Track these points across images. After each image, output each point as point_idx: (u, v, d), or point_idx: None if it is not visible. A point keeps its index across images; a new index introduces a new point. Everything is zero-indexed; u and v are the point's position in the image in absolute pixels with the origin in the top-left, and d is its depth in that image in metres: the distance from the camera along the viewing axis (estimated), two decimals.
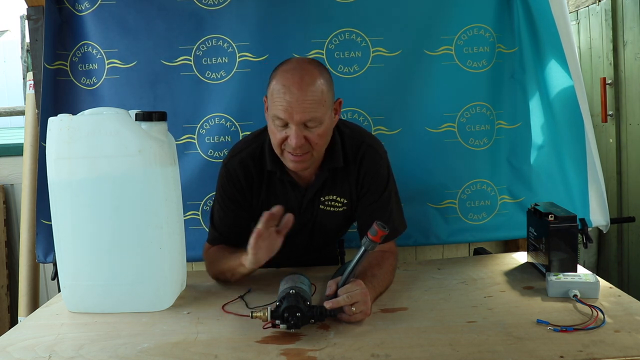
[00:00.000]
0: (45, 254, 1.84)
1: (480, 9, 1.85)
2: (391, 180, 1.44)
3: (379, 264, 1.34)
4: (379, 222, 1.14)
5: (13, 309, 2.45)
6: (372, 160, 1.40)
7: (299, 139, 1.24)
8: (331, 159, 1.39)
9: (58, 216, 1.27)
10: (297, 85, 1.23)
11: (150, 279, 1.28)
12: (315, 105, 1.23)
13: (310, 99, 1.23)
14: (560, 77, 1.83)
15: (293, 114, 1.23)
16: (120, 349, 1.08)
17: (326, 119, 1.28)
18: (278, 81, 1.26)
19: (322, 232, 1.51)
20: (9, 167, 2.48)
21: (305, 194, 1.42)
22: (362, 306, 1.14)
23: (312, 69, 1.28)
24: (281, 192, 1.43)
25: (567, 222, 1.38)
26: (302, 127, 1.25)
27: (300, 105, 1.22)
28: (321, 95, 1.25)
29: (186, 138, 1.85)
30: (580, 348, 1.00)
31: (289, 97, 1.22)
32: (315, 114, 1.24)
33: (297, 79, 1.23)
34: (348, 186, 1.43)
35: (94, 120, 1.23)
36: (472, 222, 1.94)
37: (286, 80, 1.24)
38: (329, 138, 1.34)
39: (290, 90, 1.23)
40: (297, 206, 1.44)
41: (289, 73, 1.26)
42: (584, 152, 1.84)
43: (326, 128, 1.29)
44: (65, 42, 1.82)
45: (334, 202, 1.44)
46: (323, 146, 1.32)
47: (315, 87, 1.24)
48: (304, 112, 1.23)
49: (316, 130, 1.26)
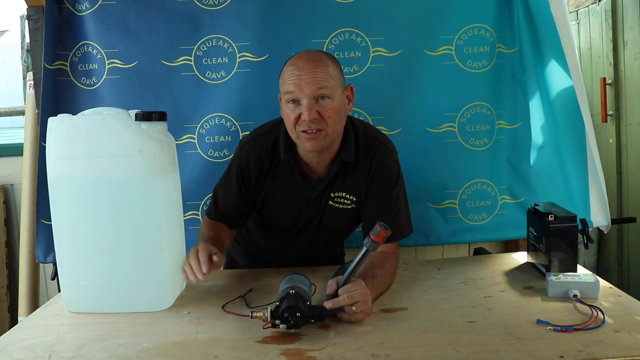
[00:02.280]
0: (45, 254, 1.84)
1: (480, 9, 1.85)
2: (400, 181, 1.45)
3: (380, 264, 1.34)
4: (381, 223, 1.15)
5: (13, 309, 2.45)
6: (383, 158, 1.41)
7: (312, 112, 1.27)
8: (344, 153, 1.39)
9: (58, 216, 1.27)
10: (304, 61, 1.30)
11: (150, 279, 1.28)
12: (324, 76, 1.28)
13: (319, 71, 1.28)
14: (560, 77, 1.83)
15: (303, 86, 1.27)
16: (120, 349, 1.08)
17: (337, 97, 1.31)
18: (287, 65, 1.34)
19: (328, 231, 1.50)
20: (9, 167, 2.48)
21: (316, 187, 1.42)
22: (363, 306, 1.14)
23: (318, 52, 1.36)
24: (291, 184, 1.43)
25: (567, 222, 1.38)
26: (313, 102, 1.28)
27: (309, 76, 1.27)
28: (329, 70, 1.30)
29: (186, 138, 1.85)
30: (580, 348, 1.00)
31: (298, 72, 1.28)
32: (326, 84, 1.28)
33: (304, 58, 1.31)
34: (358, 182, 1.43)
35: (94, 120, 1.23)
36: (473, 222, 1.94)
37: (295, 60, 1.32)
38: (342, 119, 1.35)
39: (299, 66, 1.29)
40: (306, 199, 1.44)
41: (296, 57, 1.33)
42: (584, 152, 1.84)
43: (338, 105, 1.31)
44: (65, 42, 1.82)
45: (343, 200, 1.44)
46: (336, 123, 1.32)
47: (322, 62, 1.30)
48: (313, 83, 1.27)
49: (328, 105, 1.29)
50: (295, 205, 1.45)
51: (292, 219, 1.48)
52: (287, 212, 1.47)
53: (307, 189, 1.43)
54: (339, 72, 1.34)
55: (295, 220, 1.48)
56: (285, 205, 1.45)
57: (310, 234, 1.51)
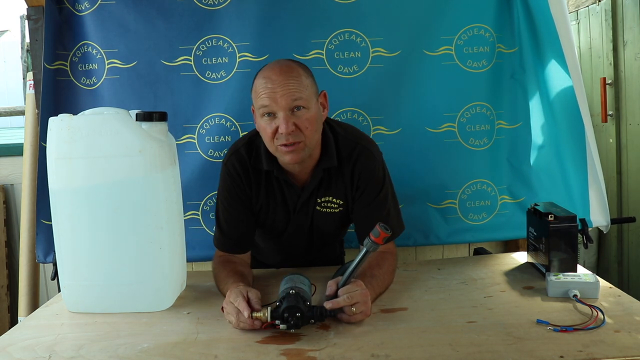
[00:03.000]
0: (45, 254, 1.84)
1: (480, 9, 1.85)
2: (387, 181, 1.44)
3: (378, 264, 1.34)
4: (381, 223, 1.15)
5: (13, 309, 2.45)
6: (366, 162, 1.40)
7: (288, 124, 1.26)
8: (325, 159, 1.39)
9: (58, 216, 1.27)
10: (277, 73, 1.28)
11: (150, 279, 1.28)
12: (297, 86, 1.27)
13: (291, 82, 1.26)
14: (560, 77, 1.83)
15: (277, 98, 1.26)
16: (120, 349, 1.08)
17: (312, 106, 1.30)
18: (259, 78, 1.31)
19: (320, 234, 1.51)
20: (9, 167, 2.48)
21: (301, 194, 1.42)
22: (363, 306, 1.14)
23: (289, 61, 1.34)
24: (278, 192, 1.43)
25: (567, 222, 1.38)
26: (289, 114, 1.27)
27: (282, 89, 1.25)
28: (302, 79, 1.28)
29: (186, 138, 1.85)
30: (580, 348, 1.00)
31: (271, 85, 1.26)
32: (300, 95, 1.26)
33: (276, 69, 1.29)
34: (343, 187, 1.42)
35: (94, 120, 1.23)
36: (472, 222, 1.94)
37: (267, 72, 1.30)
38: (319, 128, 1.34)
39: (272, 78, 1.27)
40: (293, 206, 1.44)
41: (267, 69, 1.32)
42: (584, 152, 1.84)
43: (314, 115, 1.30)
44: (65, 42, 1.82)
45: (330, 204, 1.44)
46: (314, 133, 1.31)
47: (295, 72, 1.29)
48: (287, 94, 1.25)
49: (304, 115, 1.28)
50: (284, 212, 1.44)
51: (282, 224, 1.47)
52: (277, 219, 1.46)
53: (293, 195, 1.42)
54: (311, 81, 1.32)
55: (286, 225, 1.47)
56: (275, 213, 1.45)
57: (304, 238, 1.51)
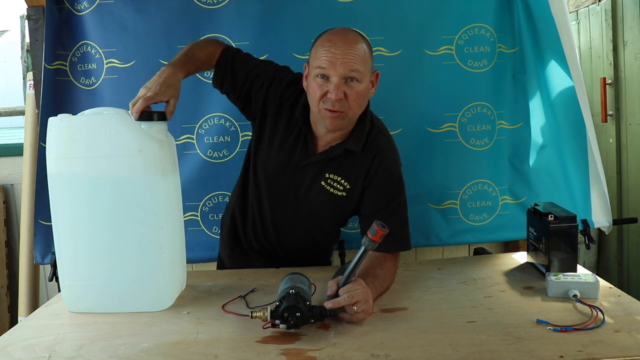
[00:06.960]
0: (42, 255, 1.84)
1: (481, 8, 1.85)
2: (403, 195, 1.43)
3: (380, 264, 1.33)
4: (378, 221, 1.14)
5: (13, 309, 2.45)
6: (387, 161, 1.41)
7: (339, 91, 1.28)
8: (352, 140, 1.39)
9: (58, 216, 1.27)
10: (342, 40, 1.29)
11: (150, 279, 1.28)
12: (357, 58, 1.28)
13: (354, 53, 1.28)
14: (560, 77, 1.83)
15: (336, 64, 1.27)
16: (120, 349, 1.08)
17: (365, 81, 1.31)
18: (323, 39, 1.32)
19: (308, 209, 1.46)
20: (9, 167, 2.48)
21: (310, 157, 1.41)
22: (364, 305, 1.13)
23: (357, 33, 1.35)
24: (292, 140, 1.42)
25: (566, 222, 1.38)
26: (342, 82, 1.28)
27: (344, 57, 1.27)
28: (364, 54, 1.30)
29: (185, 138, 1.84)
30: (580, 348, 1.00)
31: (334, 49, 1.28)
32: (358, 67, 1.28)
33: (342, 36, 1.30)
34: (355, 173, 1.42)
35: (93, 120, 1.23)
36: (473, 222, 1.94)
37: (332, 36, 1.31)
38: (364, 103, 1.36)
39: (336, 44, 1.28)
40: (296, 162, 1.43)
41: (334, 32, 1.32)
42: (585, 153, 1.84)
43: (364, 90, 1.32)
44: (65, 42, 1.82)
45: (336, 184, 1.43)
46: (358, 107, 1.33)
47: (360, 45, 1.30)
48: (347, 63, 1.27)
49: (355, 87, 1.29)
50: (284, 160, 1.43)
51: (275, 171, 1.45)
52: (272, 160, 1.44)
53: (302, 153, 1.42)
54: (371, 58, 1.34)
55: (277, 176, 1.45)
56: (277, 153, 1.44)
57: (290, 211, 1.47)
